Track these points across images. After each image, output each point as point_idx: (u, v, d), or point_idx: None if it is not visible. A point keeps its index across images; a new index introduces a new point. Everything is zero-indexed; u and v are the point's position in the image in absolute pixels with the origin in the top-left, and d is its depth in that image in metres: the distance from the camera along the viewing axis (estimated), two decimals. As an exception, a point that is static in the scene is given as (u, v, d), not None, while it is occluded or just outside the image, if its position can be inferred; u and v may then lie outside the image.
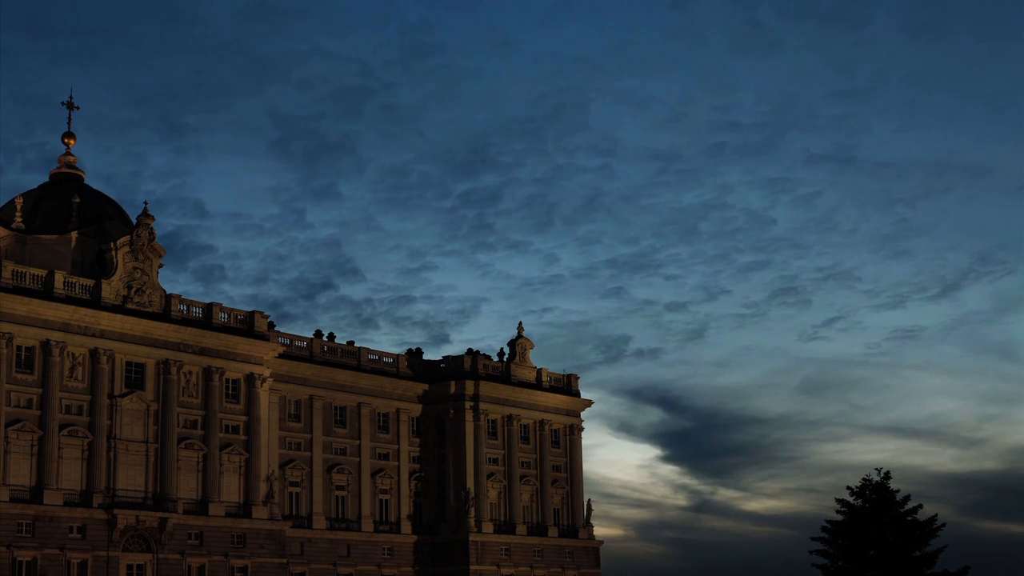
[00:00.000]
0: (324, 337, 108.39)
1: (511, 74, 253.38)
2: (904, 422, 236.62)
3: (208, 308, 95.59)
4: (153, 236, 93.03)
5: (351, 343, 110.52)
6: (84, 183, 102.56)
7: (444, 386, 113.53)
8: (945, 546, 73.87)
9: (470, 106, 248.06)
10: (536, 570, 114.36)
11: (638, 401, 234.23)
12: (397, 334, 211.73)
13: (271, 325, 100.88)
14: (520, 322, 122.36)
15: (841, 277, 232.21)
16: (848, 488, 75.83)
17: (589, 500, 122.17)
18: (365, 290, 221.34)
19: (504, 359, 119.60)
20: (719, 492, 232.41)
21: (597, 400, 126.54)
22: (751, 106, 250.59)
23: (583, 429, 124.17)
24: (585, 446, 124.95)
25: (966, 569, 72.71)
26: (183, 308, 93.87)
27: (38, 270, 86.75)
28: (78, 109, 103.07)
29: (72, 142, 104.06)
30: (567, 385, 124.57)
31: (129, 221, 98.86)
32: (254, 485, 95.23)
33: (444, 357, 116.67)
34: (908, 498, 74.82)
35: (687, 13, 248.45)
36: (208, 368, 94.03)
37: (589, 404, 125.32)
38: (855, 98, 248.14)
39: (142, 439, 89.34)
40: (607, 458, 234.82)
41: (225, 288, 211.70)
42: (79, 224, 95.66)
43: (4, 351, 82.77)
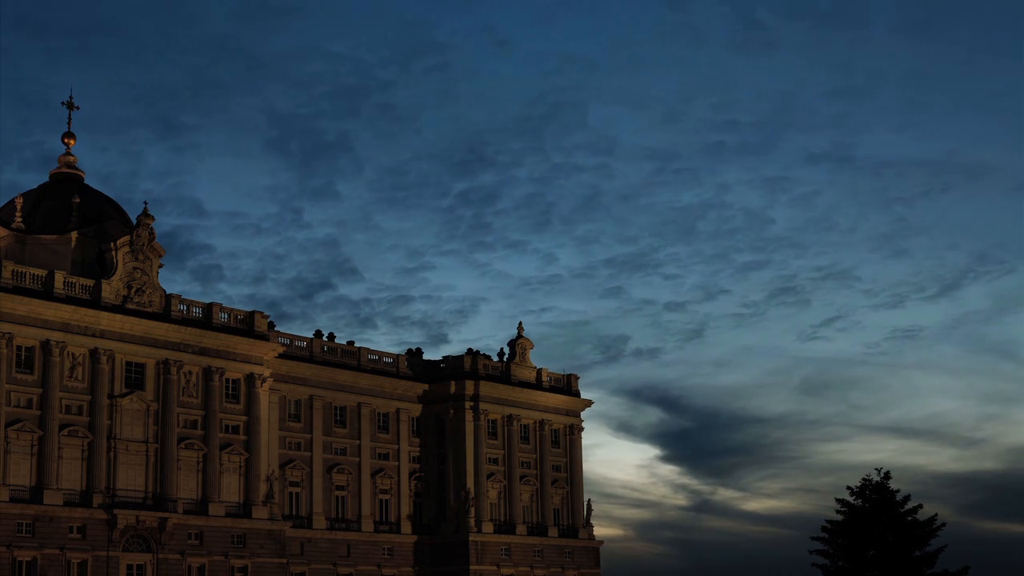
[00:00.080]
0: (324, 337, 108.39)
1: (508, 73, 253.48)
2: (903, 422, 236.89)
3: (208, 308, 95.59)
4: (153, 236, 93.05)
5: (351, 343, 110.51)
6: (84, 183, 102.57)
7: (444, 386, 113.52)
8: (945, 546, 73.89)
9: (467, 105, 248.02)
10: (536, 570, 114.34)
11: (637, 401, 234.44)
12: (395, 334, 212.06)
13: (271, 325, 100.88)
14: (520, 322, 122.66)
15: (840, 277, 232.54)
16: (848, 488, 75.88)
17: (589, 500, 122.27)
18: (363, 290, 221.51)
19: (504, 359, 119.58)
20: (719, 492, 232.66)
21: (596, 400, 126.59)
22: (749, 105, 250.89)
23: (583, 429, 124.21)
24: (585, 446, 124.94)
25: (966, 569, 72.70)
26: (183, 308, 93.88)
27: (38, 270, 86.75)
28: (78, 109, 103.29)
29: (72, 142, 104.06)
30: (567, 385, 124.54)
31: (129, 221, 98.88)
32: (254, 485, 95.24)
33: (444, 357, 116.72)
34: (908, 498, 74.82)
35: (685, 12, 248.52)
36: (208, 368, 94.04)
37: (589, 404, 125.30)
38: (853, 97, 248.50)
39: (142, 439, 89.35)
40: (607, 458, 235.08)
41: (223, 288, 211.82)
42: (79, 224, 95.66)
43: (4, 351, 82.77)
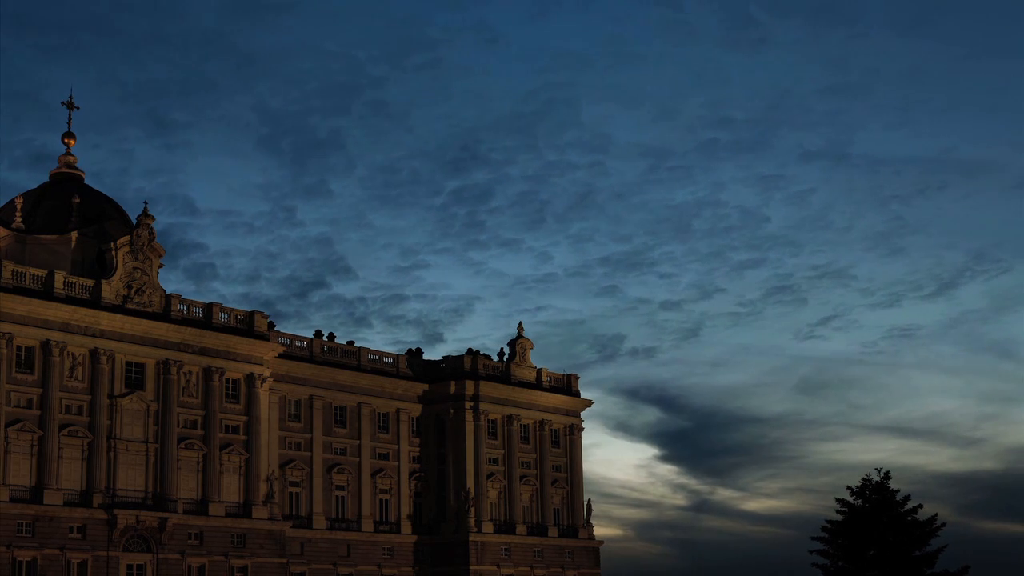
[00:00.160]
0: (324, 337, 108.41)
1: (500, 70, 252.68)
2: (902, 422, 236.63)
3: (208, 308, 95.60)
4: (153, 236, 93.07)
5: (351, 343, 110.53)
6: (84, 183, 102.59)
7: (444, 386, 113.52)
8: (945, 546, 73.94)
9: (460, 102, 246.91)
10: (536, 570, 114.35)
11: (635, 400, 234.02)
12: (391, 333, 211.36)
13: (271, 325, 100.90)
14: (520, 322, 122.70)
15: (836, 275, 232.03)
16: (848, 488, 75.93)
17: (589, 500, 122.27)
18: (357, 288, 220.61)
19: (504, 359, 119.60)
20: (718, 492, 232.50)
21: (594, 399, 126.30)
22: (743, 102, 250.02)
23: (583, 429, 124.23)
24: (583, 446, 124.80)
25: (966, 569, 72.74)
26: (183, 308, 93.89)
27: (38, 270, 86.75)
28: (78, 109, 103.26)
29: (72, 142, 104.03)
30: (567, 385, 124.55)
31: (129, 221, 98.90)
32: (254, 485, 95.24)
33: (444, 357, 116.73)
34: (908, 498, 74.86)
35: (678, 8, 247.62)
36: (208, 368, 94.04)
37: (589, 404, 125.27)
38: (848, 94, 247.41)
39: (142, 439, 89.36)
40: (605, 458, 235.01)
41: (217, 287, 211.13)
42: (79, 224, 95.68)
43: (4, 351, 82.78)
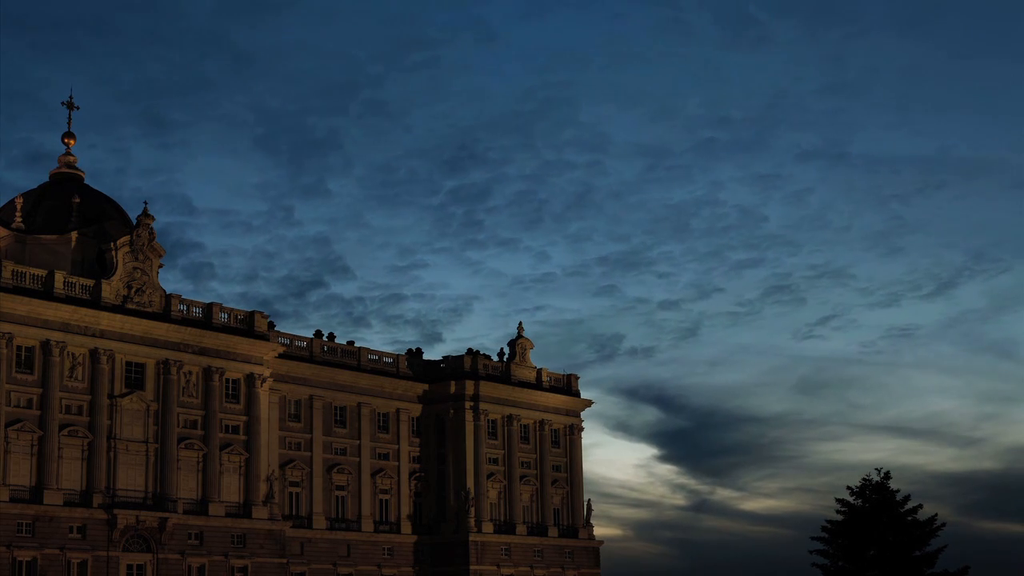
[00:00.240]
0: (324, 337, 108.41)
1: (498, 68, 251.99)
2: (902, 421, 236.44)
3: (208, 308, 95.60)
4: (153, 236, 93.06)
5: (351, 343, 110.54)
6: (84, 183, 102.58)
7: (444, 386, 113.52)
8: (945, 546, 74.02)
9: (457, 101, 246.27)
10: (536, 570, 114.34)
11: (634, 400, 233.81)
12: (389, 333, 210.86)
13: (271, 325, 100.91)
14: (520, 322, 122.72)
15: (835, 275, 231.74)
16: (848, 488, 76.04)
17: (589, 500, 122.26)
18: (355, 288, 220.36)
19: (504, 359, 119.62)
20: (717, 492, 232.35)
21: (593, 399, 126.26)
22: (741, 101, 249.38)
23: (583, 429, 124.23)
24: (583, 446, 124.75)
25: (966, 569, 72.82)
26: (183, 308, 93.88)
27: (38, 270, 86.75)
28: (78, 109, 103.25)
29: (72, 142, 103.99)
30: (567, 385, 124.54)
31: (129, 221, 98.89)
32: (254, 485, 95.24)
33: (444, 357, 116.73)
34: (908, 498, 74.96)
35: (676, 7, 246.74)
36: (208, 368, 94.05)
37: (589, 404, 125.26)
38: (846, 93, 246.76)
39: (142, 439, 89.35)
40: (604, 457, 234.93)
41: (215, 286, 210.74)
42: (79, 224, 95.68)
43: (4, 351, 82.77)
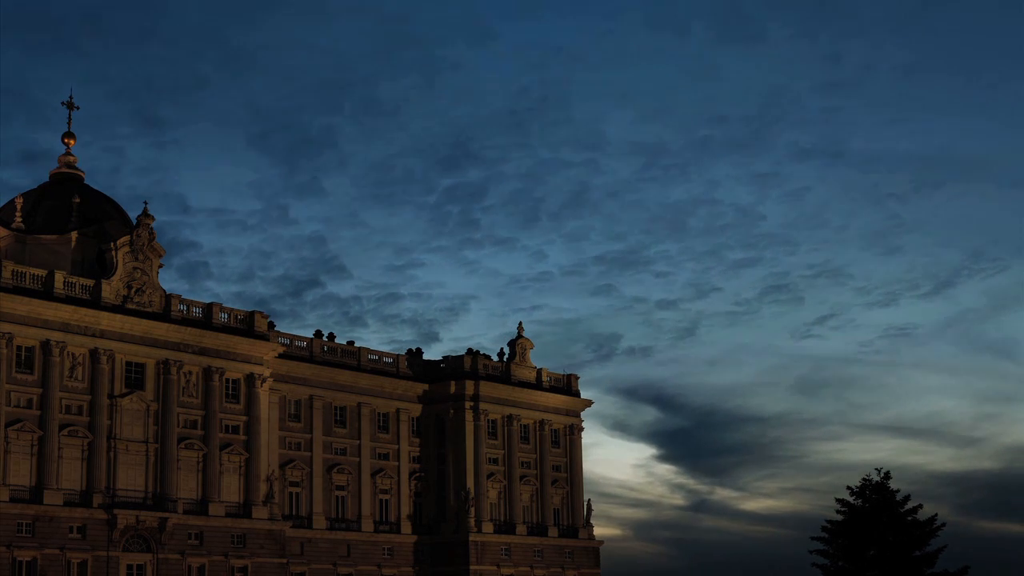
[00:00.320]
0: (324, 337, 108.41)
1: (492, 66, 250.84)
2: (901, 421, 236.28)
3: (208, 308, 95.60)
4: (153, 236, 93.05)
5: (351, 343, 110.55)
6: (84, 183, 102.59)
7: (444, 386, 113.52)
8: (945, 546, 74.02)
9: (451, 99, 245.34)
10: (536, 570, 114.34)
11: (632, 400, 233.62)
12: (386, 332, 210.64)
13: (271, 325, 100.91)
14: (520, 322, 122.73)
15: (833, 274, 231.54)
16: (848, 488, 76.04)
17: (589, 500, 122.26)
18: (352, 287, 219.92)
19: (504, 359, 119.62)
20: (716, 492, 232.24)
21: (591, 399, 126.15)
22: (738, 99, 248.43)
23: (583, 429, 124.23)
24: (583, 445, 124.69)
25: (966, 569, 72.80)
26: (183, 308, 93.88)
27: (38, 270, 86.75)
28: (78, 109, 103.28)
29: (72, 142, 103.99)
30: (567, 385, 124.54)
31: (129, 221, 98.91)
32: (254, 485, 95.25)
33: (444, 357, 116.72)
34: (908, 498, 74.96)
35: (671, 4, 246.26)
36: (208, 368, 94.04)
37: (589, 404, 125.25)
38: (843, 90, 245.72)
39: (142, 439, 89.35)
40: (603, 457, 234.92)
41: (211, 285, 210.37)
42: (79, 224, 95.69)
43: (4, 351, 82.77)
